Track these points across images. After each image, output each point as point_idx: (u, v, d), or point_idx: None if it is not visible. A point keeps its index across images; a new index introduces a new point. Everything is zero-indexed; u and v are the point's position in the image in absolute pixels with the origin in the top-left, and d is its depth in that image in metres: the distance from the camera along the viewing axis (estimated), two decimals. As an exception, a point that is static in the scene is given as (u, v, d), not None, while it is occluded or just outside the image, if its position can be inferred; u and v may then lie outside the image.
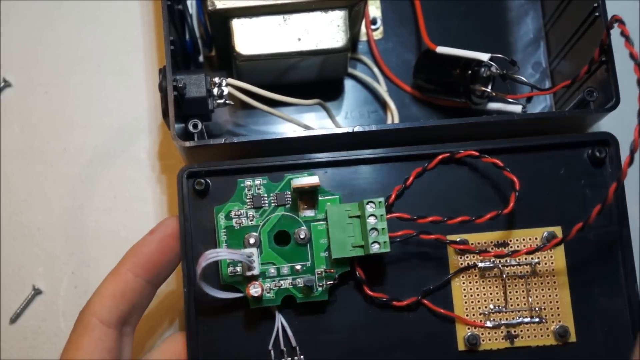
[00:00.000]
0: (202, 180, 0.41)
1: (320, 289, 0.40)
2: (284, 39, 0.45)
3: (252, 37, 0.45)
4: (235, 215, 0.40)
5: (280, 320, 0.40)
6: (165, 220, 0.41)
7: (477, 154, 0.40)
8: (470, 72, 0.46)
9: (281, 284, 0.40)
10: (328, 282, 0.39)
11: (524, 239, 0.41)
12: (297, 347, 0.40)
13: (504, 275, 0.40)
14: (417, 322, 0.40)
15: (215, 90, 0.44)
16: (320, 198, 0.40)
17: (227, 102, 0.45)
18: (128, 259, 0.40)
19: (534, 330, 0.40)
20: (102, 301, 0.39)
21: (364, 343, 0.40)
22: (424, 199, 0.41)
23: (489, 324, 0.40)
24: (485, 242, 0.41)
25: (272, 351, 0.40)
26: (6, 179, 0.51)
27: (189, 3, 0.49)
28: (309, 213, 0.40)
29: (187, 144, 0.41)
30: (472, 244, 0.40)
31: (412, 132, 0.43)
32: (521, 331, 0.40)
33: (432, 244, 0.40)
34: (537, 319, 0.40)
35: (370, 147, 0.42)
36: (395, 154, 0.41)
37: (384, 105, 0.51)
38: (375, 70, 0.51)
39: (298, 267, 0.40)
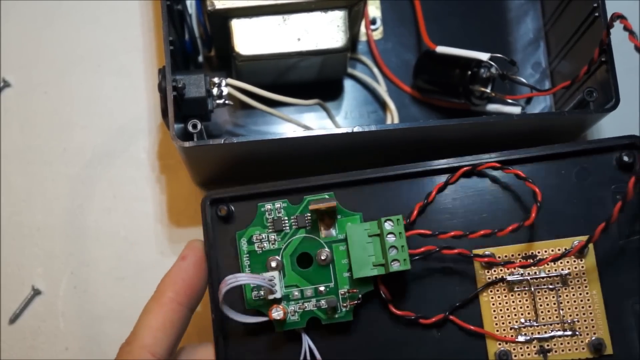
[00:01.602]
0: (224, 207, 0.41)
1: (344, 309, 0.39)
2: (284, 39, 0.45)
3: (251, 37, 0.45)
4: (257, 239, 0.40)
5: (307, 342, 0.39)
6: (192, 243, 0.41)
7: (498, 165, 0.39)
8: (469, 72, 0.46)
9: (305, 306, 0.39)
10: (352, 303, 0.39)
11: (552, 250, 0.39)
12: None
13: (533, 288, 0.39)
14: (445, 339, 0.39)
15: (215, 91, 0.44)
16: (341, 218, 0.40)
17: (227, 102, 0.45)
18: (169, 288, 0.39)
19: (568, 343, 0.39)
20: (153, 333, 0.38)
21: None
22: (447, 213, 0.40)
23: (520, 338, 0.39)
24: (512, 255, 0.39)
25: None
26: (6, 179, 0.51)
27: (188, 3, 0.49)
28: (330, 234, 0.40)
29: (187, 144, 0.41)
30: (498, 257, 0.39)
31: (411, 133, 0.43)
32: (554, 345, 0.39)
33: (457, 260, 0.39)
34: (570, 332, 0.39)
35: (379, 153, 0.41)
36: (416, 169, 0.40)
37: (383, 106, 0.51)
38: (375, 70, 0.51)
39: (322, 288, 0.39)
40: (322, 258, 0.39)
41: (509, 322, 0.39)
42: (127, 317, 0.49)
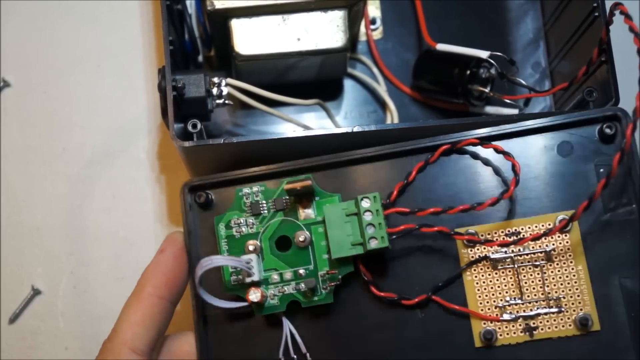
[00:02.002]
0: (203, 193, 0.41)
1: (324, 291, 0.39)
2: (283, 38, 0.45)
3: (251, 37, 0.45)
4: (234, 224, 0.40)
5: (287, 327, 0.39)
6: (171, 236, 0.41)
7: (477, 141, 0.39)
8: (469, 72, 0.46)
9: (285, 290, 0.39)
10: (331, 284, 0.39)
11: (536, 226, 0.39)
12: (308, 354, 0.39)
13: (517, 266, 0.39)
14: (429, 319, 0.39)
15: (215, 90, 0.44)
16: (319, 200, 0.40)
17: (226, 102, 0.45)
18: (149, 282, 0.39)
19: (554, 320, 0.38)
20: (133, 329, 0.38)
21: (376, 345, 0.39)
22: (427, 193, 0.40)
23: (505, 316, 0.38)
24: (495, 233, 0.39)
25: (282, 359, 0.39)
26: (5, 179, 0.51)
27: (188, 3, 0.49)
28: (309, 216, 0.40)
29: (186, 144, 0.41)
30: (481, 235, 0.39)
31: (411, 132, 0.43)
32: (540, 322, 0.38)
33: (438, 239, 0.39)
34: (555, 309, 0.38)
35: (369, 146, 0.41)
36: (395, 149, 0.40)
37: (383, 105, 0.51)
38: (375, 70, 0.51)
39: (301, 271, 0.39)
40: (301, 240, 0.39)
41: (494, 301, 0.39)
42: (126, 317, 0.49)
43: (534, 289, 0.39)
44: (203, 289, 0.38)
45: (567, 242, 0.39)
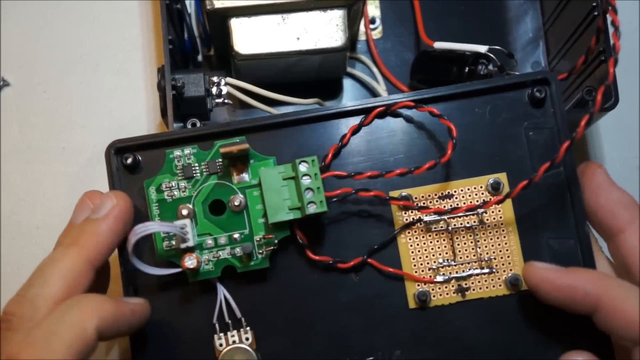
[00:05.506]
0: (131, 155, 0.39)
1: (260, 256, 0.38)
2: (283, 38, 0.45)
3: (250, 36, 0.45)
4: (166, 187, 0.38)
5: (222, 292, 0.39)
6: (112, 199, 0.37)
7: (412, 104, 0.39)
8: (467, 69, 0.46)
9: (220, 255, 0.38)
10: (267, 249, 0.38)
11: (469, 189, 0.39)
12: (243, 319, 0.39)
13: (450, 228, 0.39)
14: (364, 283, 0.39)
15: (214, 90, 0.44)
16: (253, 163, 0.39)
17: (226, 101, 0.45)
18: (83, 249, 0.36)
19: (485, 281, 0.39)
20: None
21: (312, 309, 0.39)
22: (362, 155, 0.40)
23: (439, 278, 0.39)
24: (429, 195, 0.39)
25: (217, 325, 0.38)
26: (5, 178, 0.51)
27: (187, 2, 0.49)
28: (243, 179, 0.39)
29: (186, 143, 0.41)
30: (415, 197, 0.39)
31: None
32: (472, 283, 0.39)
33: (373, 202, 0.39)
34: (487, 270, 0.39)
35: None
36: (329, 112, 0.40)
37: (383, 105, 0.51)
38: (374, 69, 0.51)
39: (236, 235, 0.38)
40: (236, 204, 0.38)
41: (427, 263, 0.39)
42: (126, 316, 0.49)
43: (466, 250, 0.39)
44: (135, 257, 0.36)
45: (499, 209, 0.39)
